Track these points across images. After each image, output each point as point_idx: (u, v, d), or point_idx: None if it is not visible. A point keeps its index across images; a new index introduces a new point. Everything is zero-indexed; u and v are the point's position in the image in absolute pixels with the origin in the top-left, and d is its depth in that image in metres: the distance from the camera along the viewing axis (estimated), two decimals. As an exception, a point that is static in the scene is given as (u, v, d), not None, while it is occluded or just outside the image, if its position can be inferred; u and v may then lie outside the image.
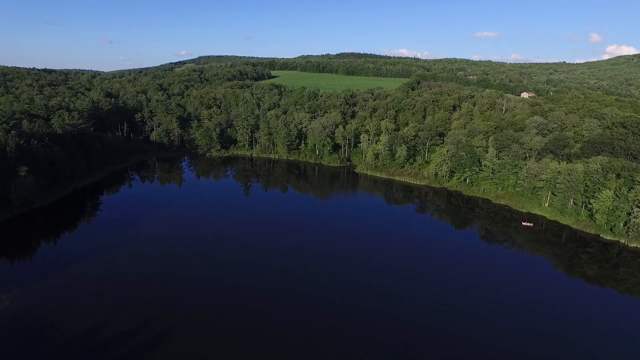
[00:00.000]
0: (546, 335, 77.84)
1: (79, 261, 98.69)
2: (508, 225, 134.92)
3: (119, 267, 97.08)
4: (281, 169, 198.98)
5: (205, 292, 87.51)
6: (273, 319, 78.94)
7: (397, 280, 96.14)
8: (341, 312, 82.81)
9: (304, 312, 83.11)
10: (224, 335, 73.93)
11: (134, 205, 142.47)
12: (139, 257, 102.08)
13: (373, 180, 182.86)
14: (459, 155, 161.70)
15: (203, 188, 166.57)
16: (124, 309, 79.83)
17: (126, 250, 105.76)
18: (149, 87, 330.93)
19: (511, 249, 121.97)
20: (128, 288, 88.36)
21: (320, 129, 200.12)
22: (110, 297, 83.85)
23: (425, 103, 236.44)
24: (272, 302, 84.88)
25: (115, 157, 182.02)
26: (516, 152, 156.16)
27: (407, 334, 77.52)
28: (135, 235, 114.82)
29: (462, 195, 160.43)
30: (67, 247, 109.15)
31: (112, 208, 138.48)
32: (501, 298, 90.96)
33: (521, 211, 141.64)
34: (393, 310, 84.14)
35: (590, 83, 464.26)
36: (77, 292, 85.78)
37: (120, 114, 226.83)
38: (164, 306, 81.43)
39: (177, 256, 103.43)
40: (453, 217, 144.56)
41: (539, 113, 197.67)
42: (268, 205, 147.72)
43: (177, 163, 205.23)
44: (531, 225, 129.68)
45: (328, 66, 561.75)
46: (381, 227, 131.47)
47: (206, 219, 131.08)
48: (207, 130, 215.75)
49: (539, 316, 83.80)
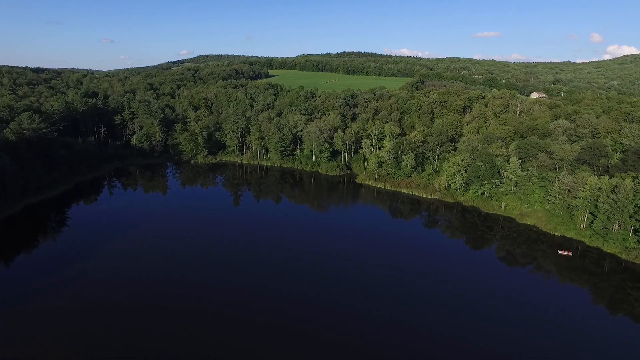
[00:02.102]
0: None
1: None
2: (534, 248, 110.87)
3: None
4: (273, 178, 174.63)
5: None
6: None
7: (402, 310, 79.99)
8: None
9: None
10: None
11: (91, 227, 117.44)
12: (77, 310, 77.87)
13: (376, 191, 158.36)
14: (476, 166, 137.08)
15: (183, 203, 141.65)
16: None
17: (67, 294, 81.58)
18: (138, 87, 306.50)
19: (539, 274, 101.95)
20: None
21: (317, 133, 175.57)
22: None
23: (432, 104, 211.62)
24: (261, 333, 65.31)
25: (85, 166, 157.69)
26: (543, 162, 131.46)
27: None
28: (79, 274, 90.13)
29: (480, 211, 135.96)
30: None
31: (63, 235, 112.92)
32: (529, 332, 74.67)
33: (553, 234, 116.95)
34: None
35: (600, 82, 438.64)
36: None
37: (99, 116, 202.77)
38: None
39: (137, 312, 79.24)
40: (468, 236, 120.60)
41: (562, 116, 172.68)
42: (258, 224, 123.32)
43: (158, 171, 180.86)
44: (569, 255, 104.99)
45: (328, 65, 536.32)
46: (386, 249, 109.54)
47: (179, 256, 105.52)
48: (192, 134, 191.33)
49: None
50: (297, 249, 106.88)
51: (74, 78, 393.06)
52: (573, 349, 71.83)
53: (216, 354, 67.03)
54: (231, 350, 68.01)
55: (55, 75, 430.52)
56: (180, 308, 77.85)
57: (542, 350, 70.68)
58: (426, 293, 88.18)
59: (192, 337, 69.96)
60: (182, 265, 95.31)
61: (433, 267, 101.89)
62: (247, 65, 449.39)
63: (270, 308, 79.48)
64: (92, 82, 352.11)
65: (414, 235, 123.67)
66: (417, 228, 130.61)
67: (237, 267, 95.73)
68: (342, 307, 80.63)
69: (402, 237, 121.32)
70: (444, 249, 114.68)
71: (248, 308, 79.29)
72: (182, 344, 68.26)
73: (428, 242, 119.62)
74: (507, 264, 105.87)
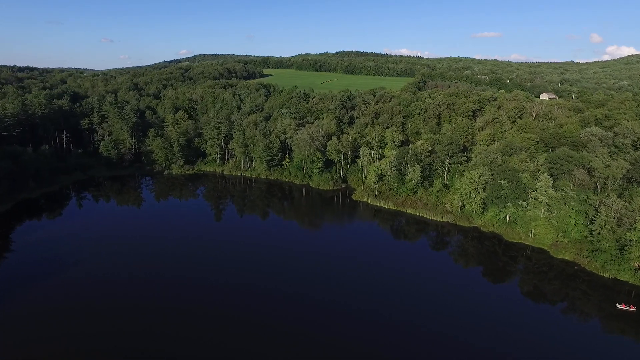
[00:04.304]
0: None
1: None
2: (586, 300, 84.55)
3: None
4: (259, 191, 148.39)
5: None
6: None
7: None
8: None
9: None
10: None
11: (27, 259, 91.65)
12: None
13: (376, 210, 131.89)
14: (497, 184, 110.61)
15: (143, 230, 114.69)
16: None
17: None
18: (122, 86, 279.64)
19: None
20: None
21: (307, 141, 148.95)
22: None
23: (439, 107, 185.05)
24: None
25: (34, 180, 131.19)
26: (581, 181, 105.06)
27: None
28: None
29: (501, 239, 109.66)
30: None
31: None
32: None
33: (602, 275, 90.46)
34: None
35: (609, 83, 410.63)
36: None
37: (64, 119, 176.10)
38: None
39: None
40: (487, 268, 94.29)
41: (592, 121, 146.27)
42: (237, 256, 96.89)
43: (127, 184, 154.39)
44: (633, 310, 78.48)
45: (326, 64, 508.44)
46: (389, 281, 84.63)
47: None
48: (166, 140, 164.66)
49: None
50: (279, 293, 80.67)
51: (58, 77, 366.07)
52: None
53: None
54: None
55: (39, 75, 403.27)
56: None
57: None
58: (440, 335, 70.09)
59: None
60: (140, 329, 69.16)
61: (446, 304, 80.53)
62: (240, 64, 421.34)
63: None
64: (75, 82, 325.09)
65: (423, 265, 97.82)
66: (425, 257, 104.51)
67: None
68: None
69: (408, 266, 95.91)
70: (456, 279, 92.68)
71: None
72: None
73: (438, 271, 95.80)
74: (535, 301, 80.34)
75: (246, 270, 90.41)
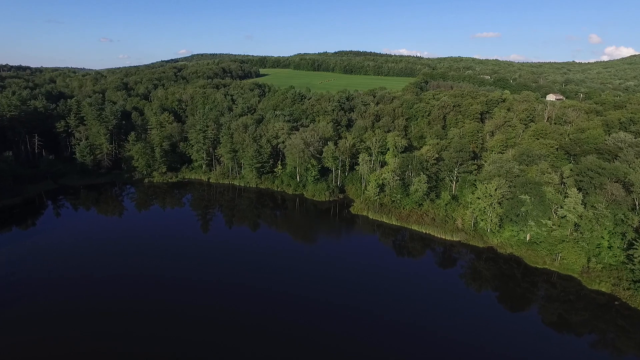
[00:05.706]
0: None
1: None
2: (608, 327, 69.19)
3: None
4: (247, 202, 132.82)
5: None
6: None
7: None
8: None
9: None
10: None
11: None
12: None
13: (377, 225, 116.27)
14: (517, 199, 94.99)
15: (120, 249, 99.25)
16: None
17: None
18: (110, 86, 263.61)
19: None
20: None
21: (301, 147, 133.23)
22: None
23: (444, 109, 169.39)
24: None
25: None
26: (615, 197, 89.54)
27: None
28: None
29: (521, 262, 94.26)
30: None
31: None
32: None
33: (646, 311, 75.21)
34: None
35: (615, 83, 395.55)
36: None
37: (39, 122, 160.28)
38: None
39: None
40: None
41: (615, 125, 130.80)
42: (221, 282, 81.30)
43: (104, 194, 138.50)
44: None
45: (324, 64, 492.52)
46: (393, 306, 66.96)
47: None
48: (147, 145, 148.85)
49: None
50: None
51: (47, 77, 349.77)
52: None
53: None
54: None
55: (31, 74, 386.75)
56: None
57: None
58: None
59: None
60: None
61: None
62: (236, 63, 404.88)
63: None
64: (64, 81, 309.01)
65: (432, 294, 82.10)
66: (434, 281, 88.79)
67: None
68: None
69: (414, 290, 79.82)
70: (470, 305, 77.79)
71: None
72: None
73: (448, 292, 79.70)
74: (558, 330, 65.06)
75: (235, 296, 75.21)
